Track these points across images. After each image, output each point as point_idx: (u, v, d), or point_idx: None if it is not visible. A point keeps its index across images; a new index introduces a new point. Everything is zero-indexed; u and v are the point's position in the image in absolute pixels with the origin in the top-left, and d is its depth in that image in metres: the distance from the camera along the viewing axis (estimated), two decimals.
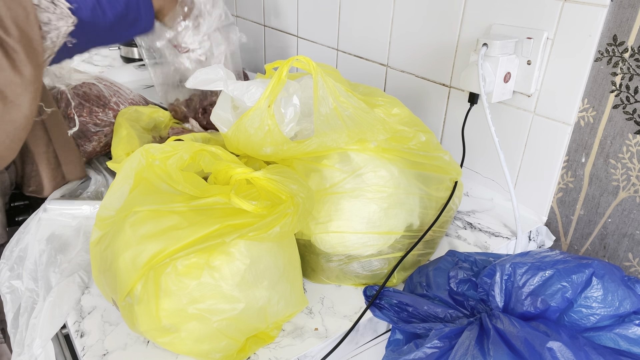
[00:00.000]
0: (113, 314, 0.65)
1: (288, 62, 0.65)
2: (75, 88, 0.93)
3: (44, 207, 0.78)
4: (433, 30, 0.94)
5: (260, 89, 0.65)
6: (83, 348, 0.60)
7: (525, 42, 0.79)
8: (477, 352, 0.53)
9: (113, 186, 0.63)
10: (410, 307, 0.63)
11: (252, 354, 0.60)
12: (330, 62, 1.24)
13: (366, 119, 0.66)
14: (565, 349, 0.49)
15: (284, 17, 1.37)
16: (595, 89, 0.74)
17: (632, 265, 0.76)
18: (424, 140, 0.71)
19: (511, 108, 0.85)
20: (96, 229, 0.63)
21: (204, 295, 0.55)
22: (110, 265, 0.58)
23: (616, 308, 0.55)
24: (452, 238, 0.82)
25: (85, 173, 0.89)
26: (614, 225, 0.77)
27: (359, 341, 0.67)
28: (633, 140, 0.72)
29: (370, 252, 0.68)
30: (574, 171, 0.80)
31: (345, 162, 0.67)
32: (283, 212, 0.57)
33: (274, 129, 0.64)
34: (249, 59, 1.60)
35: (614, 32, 0.70)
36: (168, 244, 0.54)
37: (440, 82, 0.96)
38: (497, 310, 0.58)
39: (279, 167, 0.63)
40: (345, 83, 0.75)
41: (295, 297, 0.63)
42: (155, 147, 0.62)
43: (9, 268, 0.71)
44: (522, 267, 0.59)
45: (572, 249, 0.85)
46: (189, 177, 0.61)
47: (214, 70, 0.68)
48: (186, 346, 0.57)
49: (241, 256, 0.56)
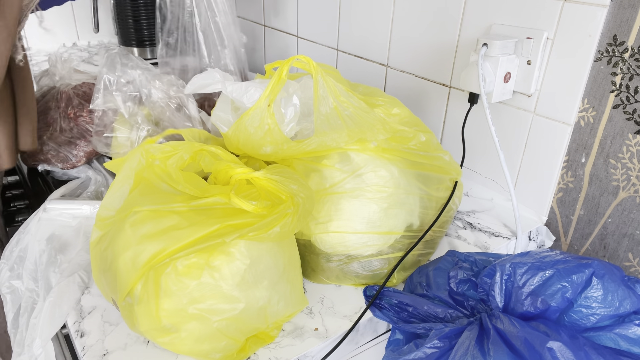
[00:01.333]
0: (113, 314, 0.65)
1: (288, 62, 0.65)
2: (75, 88, 0.93)
3: (44, 207, 0.78)
4: (433, 30, 0.95)
5: (259, 90, 0.65)
6: (83, 348, 0.60)
7: (525, 42, 0.79)
8: (477, 352, 0.53)
9: (113, 186, 0.63)
10: (410, 307, 0.63)
11: (252, 354, 0.60)
12: (330, 62, 1.24)
13: (366, 118, 0.66)
14: (565, 349, 0.49)
15: (284, 17, 1.37)
16: (595, 89, 0.74)
17: (632, 265, 0.76)
18: (424, 140, 0.71)
19: (511, 108, 0.85)
20: (96, 229, 0.63)
21: (204, 295, 0.55)
22: (110, 265, 0.58)
23: (616, 308, 0.55)
24: (452, 238, 0.82)
25: (36, 144, 0.84)
26: (614, 225, 0.77)
27: (359, 341, 0.67)
28: (633, 140, 0.72)
29: (370, 252, 0.68)
30: (574, 171, 0.80)
31: (345, 162, 0.67)
32: (283, 212, 0.57)
33: (274, 128, 0.64)
34: (249, 59, 1.60)
35: (614, 32, 0.70)
36: (168, 244, 0.54)
37: (440, 82, 0.96)
38: (497, 310, 0.58)
39: (279, 167, 0.63)
40: (345, 83, 0.75)
41: (295, 297, 0.63)
42: (155, 147, 0.62)
43: (9, 268, 0.71)
44: (522, 267, 0.59)
45: (572, 249, 0.85)
46: (189, 177, 0.61)
47: (210, 74, 0.68)
48: (186, 346, 0.57)
49: (241, 256, 0.56)
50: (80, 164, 0.93)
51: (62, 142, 0.91)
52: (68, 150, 0.91)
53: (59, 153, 0.91)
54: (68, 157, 0.92)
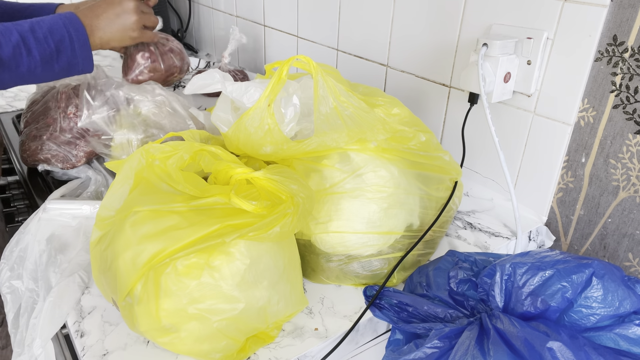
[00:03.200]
0: (113, 314, 0.65)
1: (288, 62, 0.65)
2: (75, 88, 0.93)
3: (44, 207, 0.78)
4: (433, 30, 0.95)
5: (259, 90, 0.65)
6: (83, 348, 0.60)
7: (525, 42, 0.79)
8: (477, 352, 0.53)
9: (113, 186, 0.63)
10: (410, 307, 0.63)
11: (252, 354, 0.60)
12: (330, 62, 1.24)
13: (366, 118, 0.66)
14: (565, 349, 0.49)
15: (284, 17, 1.37)
16: (595, 89, 0.74)
17: (632, 265, 0.76)
18: (424, 140, 0.71)
19: (511, 108, 0.85)
20: (96, 229, 0.63)
21: (204, 295, 0.55)
22: (110, 265, 0.58)
23: (616, 308, 0.55)
24: (452, 238, 0.82)
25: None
26: (614, 225, 0.77)
27: (359, 341, 0.67)
28: (633, 140, 0.72)
29: (370, 252, 0.68)
30: (574, 171, 0.80)
31: (345, 162, 0.67)
32: (283, 212, 0.57)
33: (274, 128, 0.64)
34: (249, 59, 1.61)
35: (614, 32, 0.70)
36: (168, 244, 0.54)
37: (440, 82, 0.96)
38: (497, 310, 0.58)
39: (279, 167, 0.63)
40: (345, 83, 0.75)
41: (295, 297, 0.63)
42: (155, 147, 0.62)
43: (9, 268, 0.71)
44: (522, 267, 0.59)
45: (572, 249, 0.85)
46: (189, 177, 0.61)
47: (210, 74, 0.68)
48: (186, 346, 0.57)
49: (241, 256, 0.56)
50: (80, 164, 0.93)
51: (62, 142, 0.91)
52: (68, 150, 0.91)
53: (59, 153, 0.91)
54: (68, 157, 0.92)
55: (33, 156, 0.92)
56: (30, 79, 0.75)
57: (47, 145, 0.91)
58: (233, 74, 1.37)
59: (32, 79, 0.75)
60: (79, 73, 0.81)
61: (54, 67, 0.76)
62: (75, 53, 0.77)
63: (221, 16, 1.68)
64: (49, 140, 0.91)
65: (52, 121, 0.91)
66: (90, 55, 0.80)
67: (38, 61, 0.73)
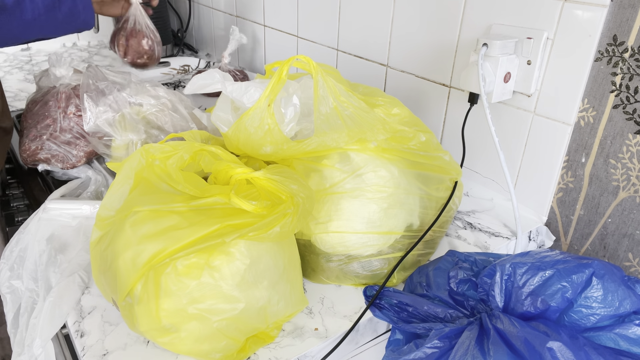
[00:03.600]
0: (113, 314, 0.65)
1: (288, 62, 0.65)
2: (75, 88, 0.93)
3: (44, 207, 0.78)
4: (433, 30, 0.95)
5: (259, 90, 0.65)
6: (83, 348, 0.60)
7: (525, 42, 0.79)
8: (477, 352, 0.53)
9: (113, 186, 0.63)
10: (410, 307, 0.63)
11: (252, 354, 0.60)
12: (330, 62, 1.24)
13: (366, 118, 0.66)
14: (565, 349, 0.49)
15: (284, 17, 1.37)
16: (595, 89, 0.74)
17: (632, 265, 0.76)
18: (424, 140, 0.71)
19: (511, 108, 0.85)
20: (96, 229, 0.63)
21: (204, 295, 0.55)
22: (110, 265, 0.58)
23: (616, 308, 0.55)
24: (452, 238, 0.82)
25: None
26: (614, 225, 0.77)
27: (359, 341, 0.67)
28: (633, 140, 0.72)
29: (370, 252, 0.68)
30: (574, 171, 0.80)
31: (345, 162, 0.67)
32: (283, 212, 0.57)
33: (273, 128, 0.64)
34: (249, 59, 1.61)
35: (614, 32, 0.70)
36: (168, 244, 0.54)
37: (440, 82, 0.96)
38: (497, 310, 0.58)
39: (279, 167, 0.63)
40: (345, 83, 0.75)
41: (295, 297, 0.63)
42: (155, 147, 0.62)
43: (9, 268, 0.71)
44: (522, 267, 0.59)
45: (572, 249, 0.85)
46: (189, 177, 0.61)
47: (210, 74, 0.69)
48: (186, 346, 0.57)
49: (241, 256, 0.56)
50: (80, 164, 0.93)
51: (62, 142, 0.91)
52: (68, 150, 0.91)
53: (59, 153, 0.91)
54: (68, 157, 0.92)
55: (33, 156, 0.92)
56: (35, 28, 0.76)
57: (47, 145, 0.91)
58: (233, 74, 1.37)
59: (38, 28, 0.77)
60: (82, 25, 0.83)
61: (57, 15, 0.77)
62: (75, 1, 0.79)
63: (221, 16, 1.68)
64: (49, 140, 0.91)
65: (52, 121, 0.91)
66: (90, 4, 0.82)
67: (41, 8, 0.74)
